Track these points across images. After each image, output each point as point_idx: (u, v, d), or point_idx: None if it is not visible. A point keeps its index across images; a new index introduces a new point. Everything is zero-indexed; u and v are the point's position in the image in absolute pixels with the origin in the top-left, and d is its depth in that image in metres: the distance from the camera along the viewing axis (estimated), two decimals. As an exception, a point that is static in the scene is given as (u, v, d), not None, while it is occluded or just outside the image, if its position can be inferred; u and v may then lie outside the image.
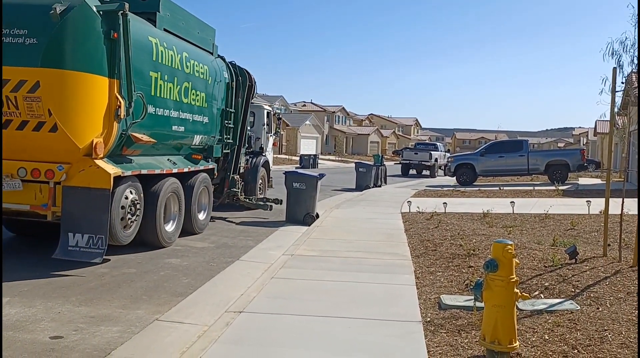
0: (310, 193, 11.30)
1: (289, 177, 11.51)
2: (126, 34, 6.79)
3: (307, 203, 11.29)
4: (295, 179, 11.43)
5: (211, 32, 10.22)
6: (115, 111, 6.81)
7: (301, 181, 11.37)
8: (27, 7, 6.35)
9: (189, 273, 6.81)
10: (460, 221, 11.25)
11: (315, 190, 11.37)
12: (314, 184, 11.36)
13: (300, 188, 11.28)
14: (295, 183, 11.34)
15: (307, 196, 11.29)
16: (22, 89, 6.24)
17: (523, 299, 4.22)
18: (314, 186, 11.36)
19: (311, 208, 11.30)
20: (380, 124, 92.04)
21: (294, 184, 11.34)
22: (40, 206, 6.67)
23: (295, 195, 11.36)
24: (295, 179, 11.43)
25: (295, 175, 11.58)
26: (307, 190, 11.29)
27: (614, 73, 7.21)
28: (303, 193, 11.29)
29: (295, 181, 11.37)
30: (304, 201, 11.28)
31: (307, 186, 11.30)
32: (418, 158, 32.80)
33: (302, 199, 11.29)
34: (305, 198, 11.29)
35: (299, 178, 11.44)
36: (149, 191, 7.77)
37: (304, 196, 11.29)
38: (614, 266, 6.61)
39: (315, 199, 11.44)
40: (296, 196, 11.34)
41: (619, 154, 29.03)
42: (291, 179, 11.46)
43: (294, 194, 11.36)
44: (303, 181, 11.35)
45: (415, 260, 7.61)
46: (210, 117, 9.92)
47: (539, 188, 19.75)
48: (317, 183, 11.45)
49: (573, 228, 10.17)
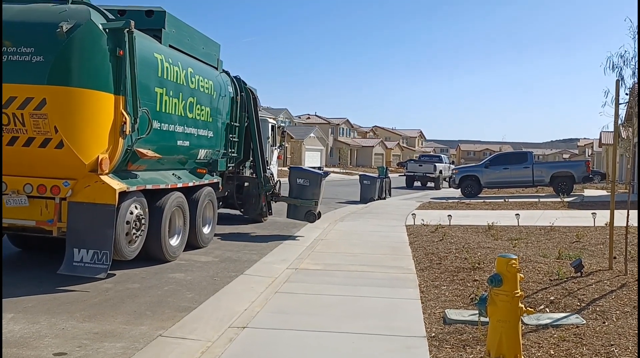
0: (314, 190, 11.21)
1: (293, 173, 11.48)
2: (132, 51, 6.86)
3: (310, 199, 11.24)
4: (300, 175, 11.39)
5: (216, 47, 10.32)
6: (120, 127, 6.87)
7: (305, 177, 11.31)
8: (34, 25, 6.44)
9: (193, 287, 6.81)
10: (465, 233, 11.23)
11: (318, 187, 11.25)
12: (317, 181, 11.27)
13: (304, 185, 11.21)
14: (299, 179, 11.28)
15: (310, 192, 11.21)
16: (28, 106, 6.30)
17: (528, 314, 4.20)
18: (318, 183, 11.26)
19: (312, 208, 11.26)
20: (384, 136, 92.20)
21: (298, 180, 11.29)
22: (45, 222, 6.71)
23: (298, 191, 11.31)
24: (299, 175, 11.39)
25: (299, 171, 11.59)
26: (311, 187, 11.21)
27: (617, 86, 7.22)
28: (306, 189, 11.22)
29: (299, 177, 11.31)
30: (306, 198, 11.25)
31: (311, 182, 11.22)
32: (422, 170, 32.78)
33: (305, 196, 11.25)
34: (308, 195, 11.23)
35: (303, 174, 11.41)
36: (153, 205, 7.80)
37: (307, 192, 11.23)
38: (619, 279, 6.58)
39: (319, 197, 11.39)
40: (299, 192, 11.29)
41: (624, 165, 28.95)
42: (295, 175, 11.42)
43: (297, 190, 11.30)
44: (307, 178, 11.28)
45: (420, 274, 7.59)
46: (215, 131, 9.98)
47: (544, 199, 19.70)
48: (321, 180, 11.36)
49: (578, 241, 10.13)
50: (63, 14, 6.49)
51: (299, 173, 11.48)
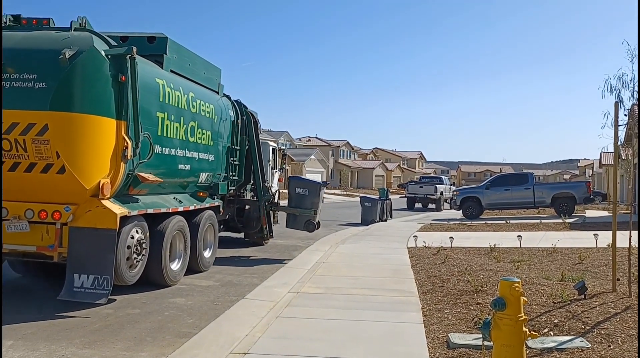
0: (313, 199, 11.25)
1: (292, 182, 11.56)
2: (134, 77, 6.93)
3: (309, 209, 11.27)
4: (299, 184, 11.45)
5: (217, 72, 10.42)
6: (122, 151, 6.90)
7: (304, 186, 11.37)
8: (37, 52, 6.51)
9: (194, 312, 6.76)
10: (468, 255, 11.17)
11: (317, 197, 11.31)
12: (316, 190, 11.33)
13: (303, 194, 11.27)
14: (299, 188, 11.34)
15: (309, 202, 11.26)
16: (30, 132, 6.34)
17: (532, 337, 4.16)
18: (317, 193, 11.32)
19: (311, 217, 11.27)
20: (385, 158, 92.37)
21: (297, 189, 11.35)
22: (46, 247, 6.70)
23: (297, 201, 11.34)
24: (298, 184, 11.45)
25: (298, 180, 11.66)
26: (310, 196, 11.26)
27: (615, 107, 7.26)
28: (305, 198, 11.27)
29: (298, 187, 11.36)
30: (305, 207, 11.26)
31: (310, 192, 11.29)
32: (423, 192, 32.77)
33: (304, 205, 11.26)
34: (307, 205, 11.26)
35: (302, 184, 11.46)
36: (154, 229, 7.79)
37: (306, 202, 11.26)
38: (624, 301, 6.52)
39: (318, 206, 11.40)
40: (298, 202, 11.32)
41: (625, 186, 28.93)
42: (294, 184, 11.48)
43: (296, 200, 11.34)
44: (306, 187, 11.33)
45: (423, 297, 7.53)
46: (216, 154, 10.02)
47: (545, 221, 19.64)
48: (320, 189, 11.42)
49: (581, 262, 10.07)
50: (66, 40, 6.57)
51: (298, 182, 11.55)
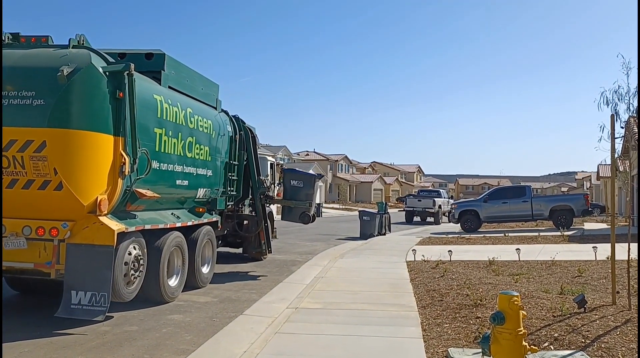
0: (307, 191, 11.37)
1: (286, 175, 11.68)
2: (132, 93, 6.96)
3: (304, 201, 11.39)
4: (293, 176, 11.56)
5: (215, 87, 10.47)
6: (120, 167, 6.90)
7: (299, 179, 11.48)
8: (36, 70, 6.55)
9: (192, 329, 6.72)
10: (466, 269, 11.14)
11: (312, 188, 11.44)
12: (311, 182, 11.45)
13: (298, 186, 11.40)
14: (293, 180, 11.46)
15: (304, 194, 11.38)
16: (28, 149, 6.35)
17: (532, 352, 4.15)
18: (312, 184, 11.44)
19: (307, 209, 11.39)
20: (383, 172, 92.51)
21: (292, 181, 11.47)
22: (44, 264, 6.67)
23: (292, 193, 11.45)
24: (292, 176, 11.57)
25: (292, 173, 11.74)
26: (305, 188, 11.38)
27: (612, 120, 7.30)
28: (300, 191, 11.38)
29: (293, 179, 11.48)
30: (300, 199, 11.37)
31: (305, 184, 11.40)
32: (422, 205, 32.80)
33: (299, 197, 11.36)
34: (302, 197, 11.37)
35: (297, 176, 11.57)
36: (152, 245, 7.76)
37: (300, 194, 11.36)
38: (624, 314, 6.50)
39: (313, 198, 11.49)
40: (293, 194, 11.44)
41: (623, 198, 28.97)
42: (289, 177, 11.59)
43: (291, 192, 11.46)
44: (300, 179, 11.45)
45: (422, 311, 7.50)
46: (214, 170, 10.02)
47: (544, 233, 19.63)
48: (314, 181, 11.55)
49: (580, 275, 10.05)
50: (64, 58, 6.61)
51: (292, 174, 11.69)
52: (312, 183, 11.46)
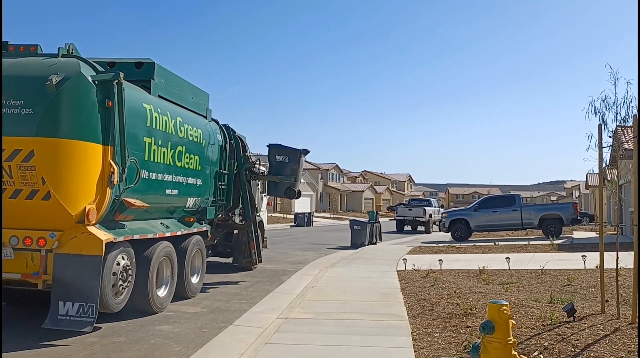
0: (293, 166, 11.56)
1: (272, 150, 11.78)
2: (121, 102, 6.93)
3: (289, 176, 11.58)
4: (279, 152, 11.71)
5: (205, 96, 10.46)
6: (108, 177, 6.85)
7: (284, 154, 11.64)
8: (24, 79, 6.50)
9: (181, 340, 6.66)
10: (457, 278, 11.15)
11: (298, 164, 11.61)
12: (297, 157, 11.62)
13: (283, 161, 11.61)
14: (279, 156, 11.64)
15: (289, 169, 11.60)
16: (16, 158, 6.30)
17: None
18: (297, 160, 11.62)
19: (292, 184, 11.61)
20: (374, 181, 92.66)
21: (277, 157, 11.66)
22: (31, 275, 6.59)
23: (277, 168, 11.65)
24: (278, 152, 11.72)
25: (278, 148, 11.84)
26: (290, 163, 11.58)
27: (599, 130, 7.36)
28: (285, 166, 11.58)
29: (278, 154, 11.65)
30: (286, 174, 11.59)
31: (290, 159, 11.61)
32: (412, 214, 32.87)
33: (284, 172, 11.57)
34: (287, 172, 11.59)
35: (282, 151, 11.71)
36: (141, 255, 7.70)
37: (286, 169, 11.57)
38: (612, 323, 6.53)
39: (298, 173, 11.68)
40: (278, 169, 11.64)
41: (612, 207, 29.20)
42: (274, 152, 11.73)
43: (277, 167, 11.66)
44: (286, 155, 11.63)
45: (412, 321, 7.49)
46: (204, 179, 9.98)
47: (533, 242, 19.72)
48: (300, 156, 11.72)
49: (570, 284, 10.09)
50: (53, 67, 6.58)
51: (278, 150, 11.79)
52: (298, 158, 11.66)
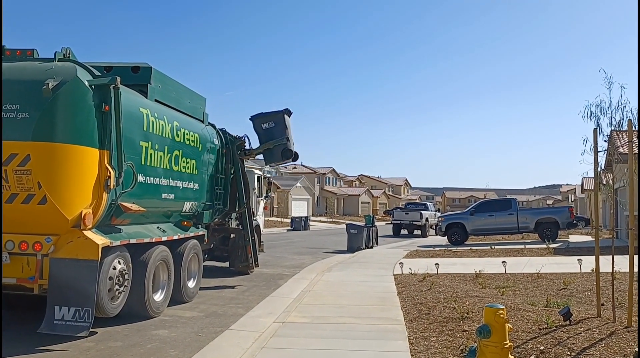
0: (281, 128, 11.87)
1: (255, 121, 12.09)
2: (117, 106, 6.92)
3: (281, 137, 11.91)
4: (262, 120, 12.05)
5: (202, 101, 10.47)
6: (105, 181, 6.84)
7: (268, 120, 11.99)
8: (20, 83, 6.49)
9: (177, 345, 6.64)
10: (453, 282, 11.17)
11: (284, 123, 11.92)
12: (282, 119, 11.96)
13: (270, 127, 11.92)
14: (264, 123, 11.99)
15: (278, 132, 11.92)
16: (12, 162, 6.28)
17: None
18: (282, 120, 11.96)
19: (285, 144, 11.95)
20: (370, 185, 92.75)
21: (263, 125, 11.99)
22: (27, 280, 6.57)
23: (266, 136, 11.97)
24: (261, 120, 12.05)
25: (260, 116, 12.11)
26: (277, 126, 11.89)
27: (594, 134, 7.41)
28: (274, 130, 11.88)
29: (263, 123, 12.00)
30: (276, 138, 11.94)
31: (276, 122, 11.93)
32: (409, 218, 32.88)
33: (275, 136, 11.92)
34: (277, 135, 11.94)
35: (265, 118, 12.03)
36: (137, 260, 7.69)
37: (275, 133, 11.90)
38: (608, 327, 6.55)
39: (288, 132, 11.97)
40: (268, 136, 11.96)
41: (607, 211, 29.29)
42: (258, 122, 12.05)
43: (265, 135, 11.97)
44: (271, 120, 11.97)
45: (409, 325, 7.49)
46: (200, 183, 9.98)
47: (530, 246, 19.77)
48: (284, 116, 12.02)
49: (566, 288, 10.12)
50: (49, 71, 6.58)
51: (260, 118, 12.00)
52: (282, 119, 11.85)
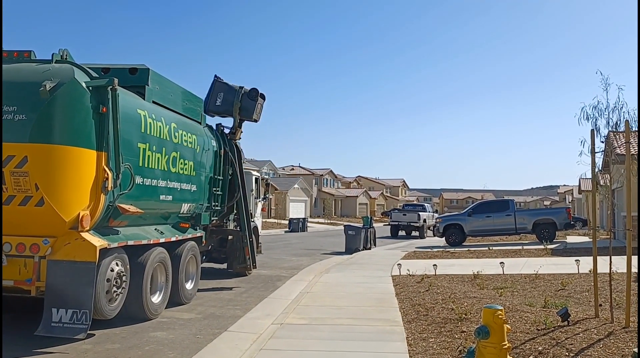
0: (229, 91, 12.40)
1: (209, 111, 12.50)
2: (115, 108, 6.92)
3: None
4: (210, 103, 12.52)
5: (199, 102, 10.47)
6: (102, 183, 6.83)
7: (214, 97, 12.38)
8: (18, 85, 6.48)
9: (175, 347, 6.63)
10: (451, 283, 11.17)
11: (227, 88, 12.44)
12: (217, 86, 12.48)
13: (220, 99, 12.54)
14: (215, 103, 12.57)
15: (229, 96, 12.37)
16: (9, 164, 6.27)
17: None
18: (221, 87, 12.46)
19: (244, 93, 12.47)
20: (368, 186, 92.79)
21: (216, 104, 12.58)
22: (24, 282, 6.55)
23: (225, 108, 12.43)
24: (211, 104, 12.53)
25: (207, 101, 12.40)
26: (225, 95, 12.49)
27: (592, 135, 7.42)
28: (226, 98, 12.37)
29: (214, 104, 12.42)
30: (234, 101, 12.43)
31: (219, 92, 12.36)
32: (407, 219, 32.90)
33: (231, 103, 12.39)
34: (231, 100, 12.36)
35: (211, 99, 12.51)
36: (135, 261, 7.67)
37: (229, 99, 12.39)
38: (606, 327, 6.55)
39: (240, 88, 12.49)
40: (226, 108, 12.42)
41: (605, 211, 29.35)
42: (210, 107, 12.52)
43: (225, 108, 12.43)
44: (215, 96, 12.39)
45: (407, 326, 7.49)
46: (198, 185, 9.97)
47: (527, 247, 19.79)
48: (215, 83, 12.51)
49: (564, 288, 10.13)
50: (47, 73, 6.57)
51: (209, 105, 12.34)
52: (214, 84, 12.44)
